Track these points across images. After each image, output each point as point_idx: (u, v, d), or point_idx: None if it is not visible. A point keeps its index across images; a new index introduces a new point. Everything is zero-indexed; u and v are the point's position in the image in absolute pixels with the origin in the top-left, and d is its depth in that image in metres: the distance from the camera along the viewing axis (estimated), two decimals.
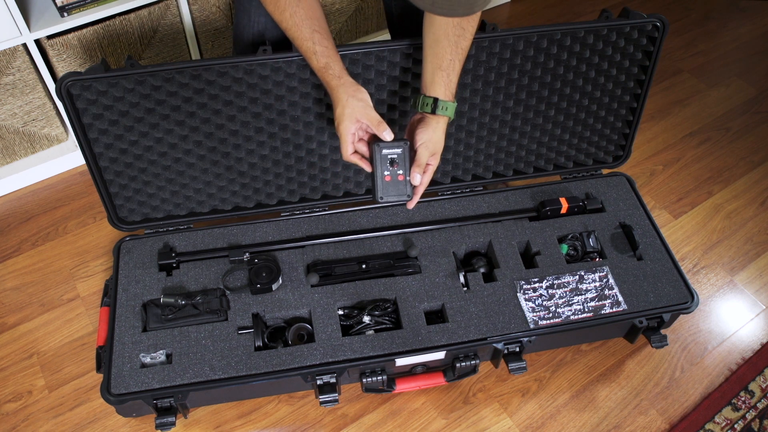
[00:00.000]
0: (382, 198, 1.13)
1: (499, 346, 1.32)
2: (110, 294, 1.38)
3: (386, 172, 1.13)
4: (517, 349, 1.34)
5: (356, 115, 1.14)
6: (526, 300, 1.38)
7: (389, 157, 1.11)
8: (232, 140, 1.38)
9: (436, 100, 1.18)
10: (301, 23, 1.15)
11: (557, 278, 1.42)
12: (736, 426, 1.37)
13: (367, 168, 1.18)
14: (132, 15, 1.62)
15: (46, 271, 1.60)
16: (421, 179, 1.18)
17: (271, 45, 1.27)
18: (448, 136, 1.48)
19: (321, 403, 1.27)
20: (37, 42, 1.54)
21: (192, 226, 1.50)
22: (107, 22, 1.59)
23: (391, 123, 1.42)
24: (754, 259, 1.65)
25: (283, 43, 1.30)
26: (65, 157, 1.80)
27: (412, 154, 1.17)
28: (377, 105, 1.38)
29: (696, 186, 1.82)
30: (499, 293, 1.39)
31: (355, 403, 1.38)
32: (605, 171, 1.65)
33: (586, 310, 1.37)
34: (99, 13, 1.56)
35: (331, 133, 1.42)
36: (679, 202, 1.78)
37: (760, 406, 1.40)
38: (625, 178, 1.62)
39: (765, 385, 1.43)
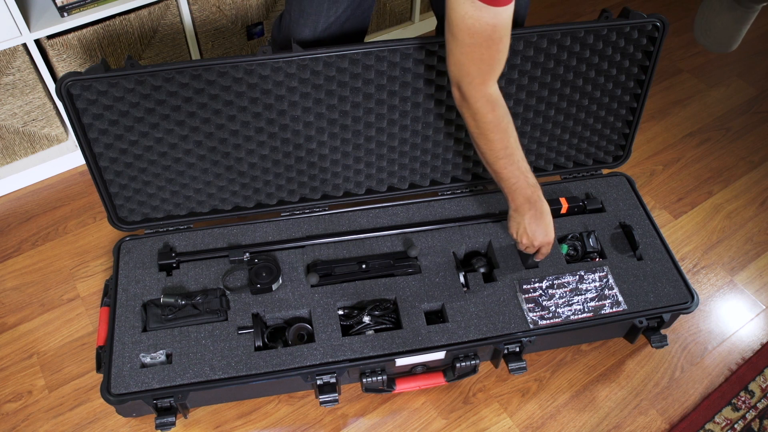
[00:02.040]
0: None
1: (499, 346, 1.32)
2: (110, 294, 1.38)
3: None
4: (517, 349, 1.34)
5: None
6: (525, 300, 1.38)
7: None
8: (232, 140, 1.38)
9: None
10: (517, 144, 1.23)
11: (557, 278, 1.42)
12: (736, 426, 1.37)
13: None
14: (132, 15, 1.62)
15: (46, 271, 1.60)
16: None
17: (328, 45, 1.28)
18: (448, 136, 1.48)
19: (321, 403, 1.27)
20: (37, 42, 1.54)
21: (192, 226, 1.50)
22: (107, 22, 1.59)
23: (391, 124, 1.43)
24: (754, 259, 1.65)
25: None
26: (65, 157, 1.80)
27: None
28: (377, 105, 1.39)
29: (696, 186, 1.82)
30: (499, 293, 1.39)
31: (355, 403, 1.38)
32: (605, 171, 1.65)
33: (586, 310, 1.37)
34: (99, 13, 1.56)
35: (331, 134, 1.42)
36: (679, 202, 1.78)
37: (760, 406, 1.40)
38: (625, 178, 1.62)
39: (765, 385, 1.43)
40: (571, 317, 1.36)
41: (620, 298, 1.39)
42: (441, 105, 1.42)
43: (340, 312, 1.37)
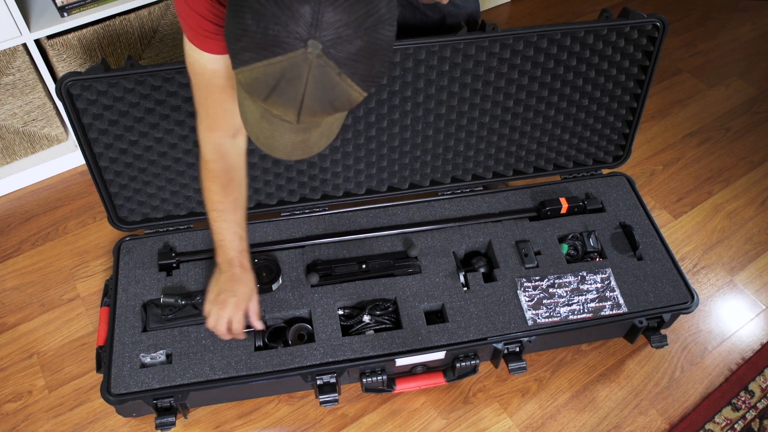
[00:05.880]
0: None
1: (499, 346, 1.32)
2: (110, 294, 1.38)
3: None
4: (517, 349, 1.34)
5: None
6: (526, 299, 1.38)
7: None
8: None
9: None
10: (236, 207, 1.19)
11: (558, 278, 1.42)
12: (736, 426, 1.37)
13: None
14: (132, 15, 1.62)
15: (46, 271, 1.60)
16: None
17: None
18: (448, 136, 1.48)
19: (321, 403, 1.27)
20: (37, 42, 1.54)
21: (192, 226, 1.50)
22: (107, 22, 1.59)
23: (392, 124, 1.43)
24: (754, 259, 1.65)
25: None
26: (65, 157, 1.80)
27: None
28: (377, 105, 1.39)
29: (696, 186, 1.82)
30: (498, 293, 1.39)
31: (355, 403, 1.38)
32: (605, 171, 1.65)
33: (586, 310, 1.37)
34: (99, 13, 1.56)
35: None
36: (679, 202, 1.78)
37: (760, 406, 1.40)
38: (625, 178, 1.62)
39: (765, 385, 1.43)
40: (571, 317, 1.36)
41: (621, 301, 1.39)
42: (441, 105, 1.42)
43: (340, 312, 1.37)
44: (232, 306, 1.21)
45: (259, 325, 1.27)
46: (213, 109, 1.07)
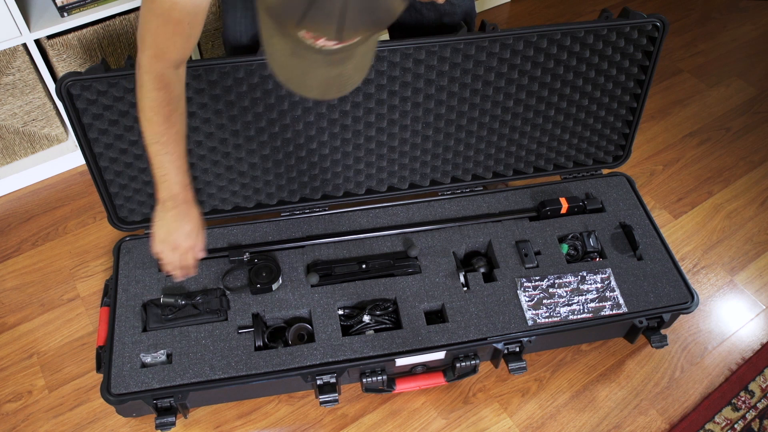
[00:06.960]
0: None
1: (499, 346, 1.32)
2: (110, 294, 1.38)
3: None
4: (517, 349, 1.34)
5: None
6: (526, 299, 1.38)
7: None
8: (233, 140, 1.38)
9: None
10: (178, 140, 1.13)
11: (558, 278, 1.42)
12: (736, 426, 1.37)
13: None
14: (132, 15, 1.62)
15: (46, 271, 1.60)
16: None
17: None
18: (448, 136, 1.48)
19: (321, 403, 1.27)
20: (37, 42, 1.54)
21: None
22: (107, 22, 1.59)
23: (391, 124, 1.43)
24: (754, 259, 1.65)
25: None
26: (65, 157, 1.80)
27: None
28: (377, 105, 1.39)
29: (696, 186, 1.82)
30: (499, 293, 1.39)
31: (355, 403, 1.38)
32: (605, 171, 1.65)
33: (586, 310, 1.37)
34: (99, 13, 1.56)
35: (331, 134, 1.42)
36: (679, 202, 1.78)
37: (760, 406, 1.40)
38: (625, 178, 1.62)
39: (765, 385, 1.43)
40: (571, 317, 1.36)
41: (621, 301, 1.39)
42: (441, 105, 1.42)
43: (340, 312, 1.37)
44: (184, 246, 1.20)
45: (201, 254, 1.25)
46: (163, 41, 1.01)
